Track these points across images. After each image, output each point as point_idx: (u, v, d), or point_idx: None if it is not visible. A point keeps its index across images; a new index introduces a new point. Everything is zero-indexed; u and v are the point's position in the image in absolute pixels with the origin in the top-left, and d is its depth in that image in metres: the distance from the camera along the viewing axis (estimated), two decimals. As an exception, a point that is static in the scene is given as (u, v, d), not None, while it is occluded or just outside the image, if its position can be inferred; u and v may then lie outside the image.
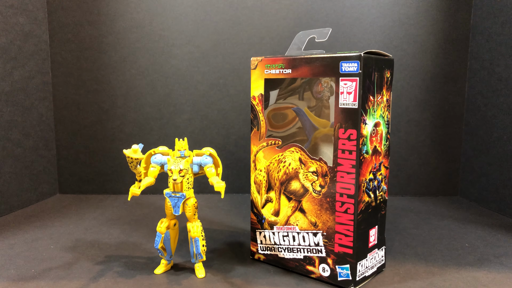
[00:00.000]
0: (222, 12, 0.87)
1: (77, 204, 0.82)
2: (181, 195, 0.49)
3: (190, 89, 0.88)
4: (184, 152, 0.49)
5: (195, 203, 0.50)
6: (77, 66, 0.87)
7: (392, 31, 0.86)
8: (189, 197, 0.50)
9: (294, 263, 0.52)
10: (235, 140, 0.90)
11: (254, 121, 0.53)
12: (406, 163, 0.89)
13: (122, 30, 0.86)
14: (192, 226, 0.50)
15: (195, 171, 0.50)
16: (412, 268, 0.54)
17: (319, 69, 0.47)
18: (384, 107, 0.49)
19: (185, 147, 0.50)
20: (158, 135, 0.89)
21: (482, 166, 0.83)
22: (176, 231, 0.53)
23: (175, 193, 0.49)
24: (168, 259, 0.52)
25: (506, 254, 0.59)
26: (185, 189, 0.49)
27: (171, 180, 0.48)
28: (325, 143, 0.47)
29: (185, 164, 0.48)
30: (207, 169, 0.50)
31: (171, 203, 0.50)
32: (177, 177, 0.47)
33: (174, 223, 0.52)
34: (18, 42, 0.77)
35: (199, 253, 0.50)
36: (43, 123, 0.84)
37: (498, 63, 0.78)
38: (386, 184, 0.52)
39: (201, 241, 0.50)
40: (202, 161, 0.50)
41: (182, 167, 0.47)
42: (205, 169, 0.50)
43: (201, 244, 0.50)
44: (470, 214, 0.77)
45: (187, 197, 0.49)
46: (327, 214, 0.48)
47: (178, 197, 0.49)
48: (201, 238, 0.50)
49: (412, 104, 0.88)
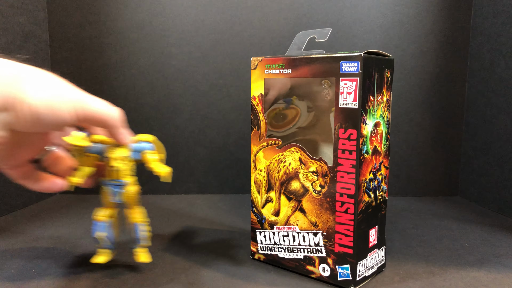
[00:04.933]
0: (222, 12, 0.87)
1: (77, 204, 0.82)
2: (121, 183, 0.49)
3: (190, 89, 0.88)
4: None
5: (136, 189, 0.50)
6: (77, 66, 0.87)
7: (392, 31, 0.86)
8: (130, 184, 0.49)
9: (294, 263, 0.52)
10: (235, 140, 0.90)
11: (254, 121, 0.53)
12: (406, 163, 0.89)
13: (122, 30, 0.86)
14: (133, 213, 0.50)
15: (135, 158, 0.49)
16: (412, 268, 0.54)
17: (319, 69, 0.47)
18: (384, 107, 0.49)
19: None
20: (158, 135, 0.89)
21: (482, 166, 0.83)
22: (117, 219, 0.52)
23: (114, 181, 0.49)
24: (111, 247, 0.52)
25: (506, 254, 0.59)
26: (125, 176, 0.49)
27: (110, 168, 0.47)
28: (325, 143, 0.47)
29: (125, 152, 0.47)
30: (148, 155, 0.49)
31: (111, 191, 0.49)
32: (117, 165, 0.47)
33: (114, 212, 0.51)
34: (18, 42, 0.77)
35: (140, 238, 0.50)
36: (43, 123, 0.84)
37: (498, 63, 0.78)
38: (386, 184, 0.52)
39: (143, 227, 0.50)
40: (143, 148, 0.50)
41: (122, 155, 0.47)
42: (146, 156, 0.50)
43: (145, 229, 0.50)
44: (470, 214, 0.77)
45: (128, 184, 0.49)
46: (327, 214, 0.48)
47: (118, 185, 0.49)
48: (144, 223, 0.50)
49: (412, 104, 0.88)
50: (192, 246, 0.60)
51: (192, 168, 0.90)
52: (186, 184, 0.90)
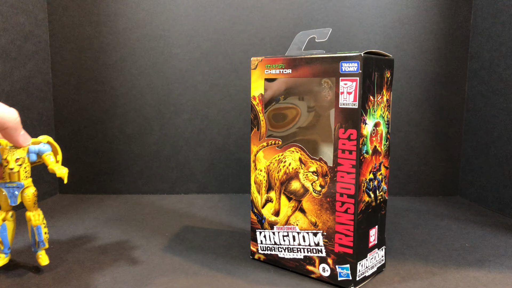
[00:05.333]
0: (222, 12, 0.87)
1: (77, 204, 0.82)
2: (18, 185, 0.48)
3: (190, 89, 0.88)
4: None
5: (34, 191, 0.49)
6: (77, 66, 0.87)
7: (392, 31, 0.86)
8: (28, 186, 0.49)
9: (294, 263, 0.52)
10: (235, 140, 0.90)
11: (254, 121, 0.53)
12: (406, 163, 0.89)
13: (122, 30, 0.86)
14: (32, 215, 0.50)
15: (32, 160, 0.49)
16: (412, 268, 0.54)
17: (319, 69, 0.47)
18: (384, 107, 0.49)
19: None
20: (158, 135, 0.89)
21: (482, 166, 0.83)
22: (14, 222, 0.51)
23: (11, 183, 0.48)
24: (6, 251, 0.51)
25: (506, 254, 0.59)
26: (22, 178, 0.48)
27: (6, 170, 0.47)
28: (325, 143, 0.47)
29: (21, 153, 0.47)
30: (46, 157, 0.49)
31: (7, 194, 0.48)
32: (14, 166, 0.46)
33: (11, 214, 0.50)
34: (18, 42, 0.77)
35: (42, 240, 0.50)
36: (43, 123, 0.84)
37: (498, 63, 0.78)
38: (386, 184, 0.52)
39: (43, 229, 0.50)
40: (40, 149, 0.49)
41: (18, 156, 0.47)
42: (44, 156, 0.49)
43: (44, 231, 0.50)
44: (470, 214, 0.77)
45: (25, 186, 0.49)
46: (327, 214, 0.48)
47: (15, 187, 0.48)
48: (43, 225, 0.50)
49: (412, 104, 0.88)
50: (192, 246, 0.60)
51: (192, 168, 0.90)
52: (186, 184, 0.90)
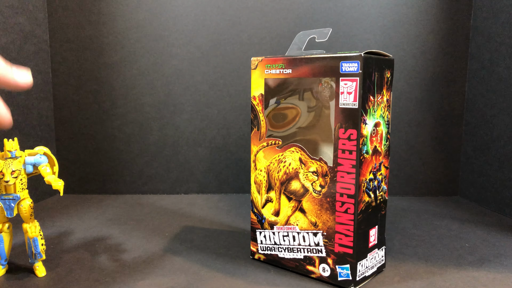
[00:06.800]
0: (222, 12, 0.87)
1: (77, 204, 0.82)
2: (14, 197, 0.48)
3: (190, 89, 0.88)
4: (15, 153, 0.48)
5: (30, 203, 0.49)
6: (77, 66, 0.87)
7: (392, 31, 0.86)
8: (24, 198, 0.49)
9: (294, 263, 0.52)
10: (235, 140, 0.90)
11: (254, 121, 0.53)
12: (406, 163, 0.89)
13: (122, 30, 0.86)
14: (29, 227, 0.49)
15: (28, 171, 0.49)
16: (412, 268, 0.54)
17: (319, 69, 0.47)
18: (384, 107, 0.49)
19: (15, 147, 0.48)
20: (158, 135, 0.89)
21: (482, 166, 0.83)
22: (10, 233, 0.51)
23: (7, 195, 0.48)
24: (3, 263, 0.51)
25: (506, 254, 0.59)
26: (18, 190, 0.48)
27: (2, 183, 0.47)
28: (325, 143, 0.47)
29: (17, 165, 0.47)
30: (42, 168, 0.49)
31: (3, 206, 0.48)
32: (10, 179, 0.46)
33: (7, 226, 0.50)
34: (18, 42, 0.77)
35: (39, 252, 0.50)
36: (43, 123, 0.84)
37: (498, 63, 0.78)
38: (386, 184, 0.52)
39: (40, 240, 0.50)
40: (36, 161, 0.49)
41: (14, 168, 0.47)
42: (40, 168, 0.49)
43: (40, 243, 0.50)
44: (470, 214, 0.77)
45: (21, 198, 0.49)
46: (327, 214, 0.48)
47: (11, 199, 0.48)
48: (40, 237, 0.50)
49: (412, 104, 0.88)
50: (192, 246, 0.60)
51: (192, 168, 0.90)
52: (186, 184, 0.90)
